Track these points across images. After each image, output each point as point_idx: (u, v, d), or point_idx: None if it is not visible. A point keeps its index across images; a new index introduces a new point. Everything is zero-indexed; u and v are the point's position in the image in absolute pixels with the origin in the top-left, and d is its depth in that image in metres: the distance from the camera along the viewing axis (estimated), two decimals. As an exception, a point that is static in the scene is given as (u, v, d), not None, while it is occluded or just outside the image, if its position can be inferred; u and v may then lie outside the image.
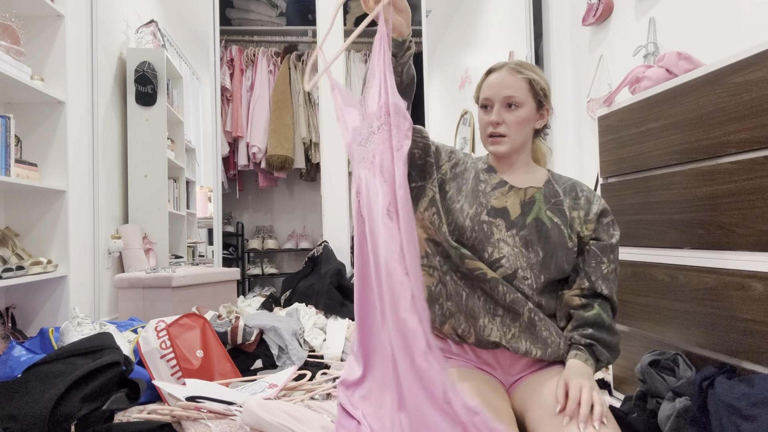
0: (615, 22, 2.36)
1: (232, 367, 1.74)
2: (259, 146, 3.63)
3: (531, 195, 1.08)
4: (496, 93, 1.07)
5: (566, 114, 2.82)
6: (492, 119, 1.06)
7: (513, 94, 1.06)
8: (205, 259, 4.03)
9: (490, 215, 1.06)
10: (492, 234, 1.05)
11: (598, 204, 1.08)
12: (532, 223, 1.05)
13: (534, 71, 1.09)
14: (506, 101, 1.06)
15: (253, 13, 3.97)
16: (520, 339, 1.01)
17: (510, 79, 1.07)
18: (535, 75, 1.08)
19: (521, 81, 1.07)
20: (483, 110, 1.10)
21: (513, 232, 1.05)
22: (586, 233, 1.06)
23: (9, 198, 2.29)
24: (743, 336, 1.07)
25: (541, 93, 1.08)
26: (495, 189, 1.10)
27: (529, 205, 1.07)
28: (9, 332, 2.09)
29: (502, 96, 1.06)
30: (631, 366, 1.41)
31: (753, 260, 1.04)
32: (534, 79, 1.07)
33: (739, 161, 1.08)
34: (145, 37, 3.24)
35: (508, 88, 1.06)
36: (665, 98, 1.30)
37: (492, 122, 1.07)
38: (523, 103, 1.06)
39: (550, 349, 1.01)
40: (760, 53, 1.02)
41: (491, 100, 1.07)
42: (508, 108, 1.06)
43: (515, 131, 1.07)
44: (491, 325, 1.03)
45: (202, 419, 1.22)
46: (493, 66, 1.11)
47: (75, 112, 2.46)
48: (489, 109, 1.08)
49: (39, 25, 2.27)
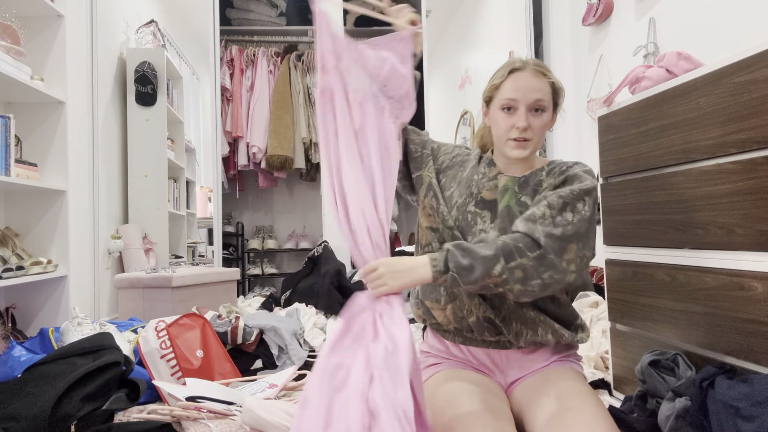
0: (615, 22, 2.36)
1: (232, 367, 1.74)
2: (259, 146, 3.63)
3: (504, 183, 1.07)
4: (524, 96, 1.02)
5: (566, 114, 2.82)
6: (520, 124, 1.02)
7: (541, 98, 1.03)
8: (205, 259, 4.04)
9: (477, 206, 1.07)
10: (475, 224, 1.06)
11: (573, 171, 1.03)
12: (503, 211, 1.05)
13: (552, 74, 1.08)
14: (534, 105, 1.03)
15: (253, 13, 3.97)
16: (511, 321, 1.02)
17: (537, 82, 1.03)
18: (555, 78, 1.07)
19: (547, 85, 1.04)
20: (505, 112, 1.04)
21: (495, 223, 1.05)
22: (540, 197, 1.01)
23: (9, 198, 2.29)
24: (743, 336, 1.07)
25: (559, 98, 1.07)
26: (490, 180, 1.10)
27: (501, 194, 1.07)
28: (9, 332, 2.09)
29: (532, 100, 1.02)
30: (631, 366, 1.41)
31: (753, 260, 1.04)
32: (556, 83, 1.06)
33: (739, 161, 1.08)
34: (145, 37, 3.24)
35: (537, 92, 1.02)
36: (665, 98, 1.30)
37: (519, 127, 1.02)
38: (547, 107, 1.04)
39: (540, 328, 1.02)
40: (760, 53, 1.02)
41: (517, 102, 1.03)
42: (534, 112, 1.03)
43: (539, 135, 1.05)
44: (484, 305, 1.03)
45: (202, 419, 1.22)
46: (516, 65, 1.06)
47: (75, 112, 2.46)
48: (512, 111, 1.04)
49: (39, 25, 2.27)
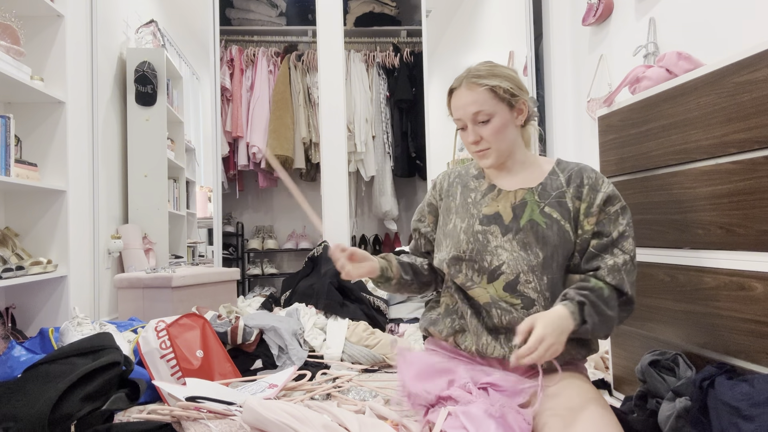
0: (615, 22, 2.35)
1: (232, 367, 1.74)
2: (259, 146, 3.63)
3: (521, 197, 1.07)
4: (464, 113, 1.06)
5: (566, 114, 2.82)
6: (469, 140, 1.07)
7: (479, 110, 1.04)
8: (205, 259, 4.03)
9: (483, 224, 1.06)
10: (488, 242, 1.05)
11: (604, 192, 1.05)
12: (527, 225, 1.04)
13: (494, 75, 1.05)
14: (476, 118, 1.05)
15: (253, 13, 3.97)
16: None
17: (471, 95, 1.04)
18: (495, 80, 1.04)
19: (483, 93, 1.04)
20: (461, 131, 1.10)
21: (509, 236, 1.04)
22: (588, 228, 1.04)
23: (9, 198, 2.29)
24: (743, 336, 1.07)
25: (508, 95, 1.05)
26: (485, 196, 1.10)
27: (520, 208, 1.06)
28: (9, 332, 2.09)
29: (470, 114, 1.05)
30: (631, 366, 1.41)
31: (753, 260, 1.04)
32: (494, 86, 1.04)
33: (739, 161, 1.08)
34: (145, 37, 3.24)
35: (471, 105, 1.04)
36: (665, 98, 1.29)
37: (471, 141, 1.07)
38: (492, 113, 1.04)
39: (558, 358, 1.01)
40: (760, 53, 1.02)
41: (462, 121, 1.08)
42: (480, 123, 1.05)
43: (496, 141, 1.06)
44: (494, 343, 1.03)
45: (202, 419, 1.22)
46: (453, 84, 1.10)
47: (75, 112, 2.45)
48: (464, 129, 1.09)
49: (39, 25, 2.27)
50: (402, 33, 4.02)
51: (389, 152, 3.80)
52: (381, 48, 3.96)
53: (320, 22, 3.27)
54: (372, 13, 3.99)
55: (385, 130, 3.79)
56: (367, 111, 3.74)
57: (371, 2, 4.00)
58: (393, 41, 4.01)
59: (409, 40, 4.00)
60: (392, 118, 3.81)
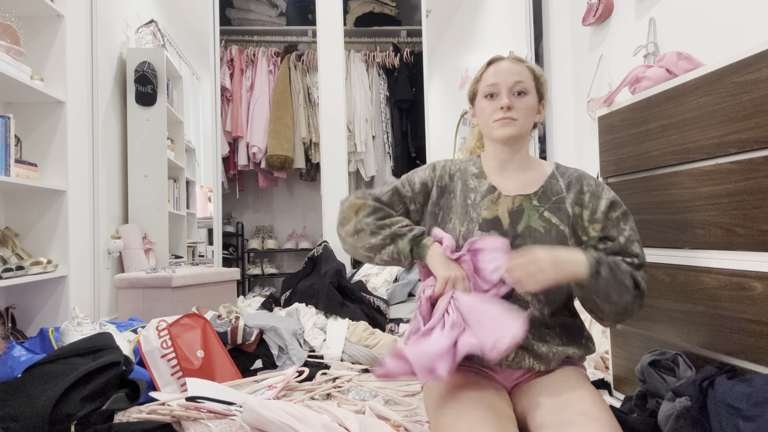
0: (615, 22, 2.36)
1: (232, 367, 1.74)
2: (259, 146, 3.63)
3: (519, 204, 1.06)
4: (504, 80, 1.06)
5: (566, 114, 2.82)
6: (504, 102, 1.05)
7: (522, 80, 1.06)
8: (205, 259, 4.03)
9: (482, 228, 1.05)
10: None
11: (606, 198, 1.06)
12: (525, 232, 1.03)
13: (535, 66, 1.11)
14: (515, 87, 1.06)
15: (253, 13, 3.97)
16: (523, 358, 1.01)
17: (516, 67, 1.08)
18: (536, 66, 1.11)
19: (526, 69, 1.08)
20: (488, 99, 1.08)
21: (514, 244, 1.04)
22: (594, 234, 1.04)
23: (9, 198, 2.29)
24: (743, 336, 1.07)
25: (543, 85, 1.10)
26: (484, 198, 1.09)
27: (517, 214, 1.05)
28: (9, 332, 2.09)
29: (512, 82, 1.06)
30: (631, 366, 1.41)
31: (753, 260, 1.04)
32: (536, 70, 1.10)
33: (739, 161, 1.08)
34: (145, 37, 3.24)
35: (515, 74, 1.07)
36: (665, 98, 1.29)
37: (504, 106, 1.05)
38: (529, 90, 1.07)
39: (553, 362, 1.01)
40: (760, 53, 1.02)
41: (499, 87, 1.07)
42: (516, 95, 1.07)
43: (524, 117, 1.07)
44: None
45: (202, 419, 1.22)
46: (494, 58, 1.12)
47: (75, 112, 2.46)
48: (495, 96, 1.08)
49: (39, 25, 2.27)
50: (402, 33, 4.02)
51: (389, 152, 3.80)
52: (381, 48, 3.96)
53: (320, 22, 3.27)
54: (372, 13, 4.00)
55: (385, 130, 3.79)
56: (367, 111, 3.74)
57: (371, 2, 4.00)
58: (393, 41, 4.01)
59: (409, 40, 4.00)
60: (392, 118, 3.81)
